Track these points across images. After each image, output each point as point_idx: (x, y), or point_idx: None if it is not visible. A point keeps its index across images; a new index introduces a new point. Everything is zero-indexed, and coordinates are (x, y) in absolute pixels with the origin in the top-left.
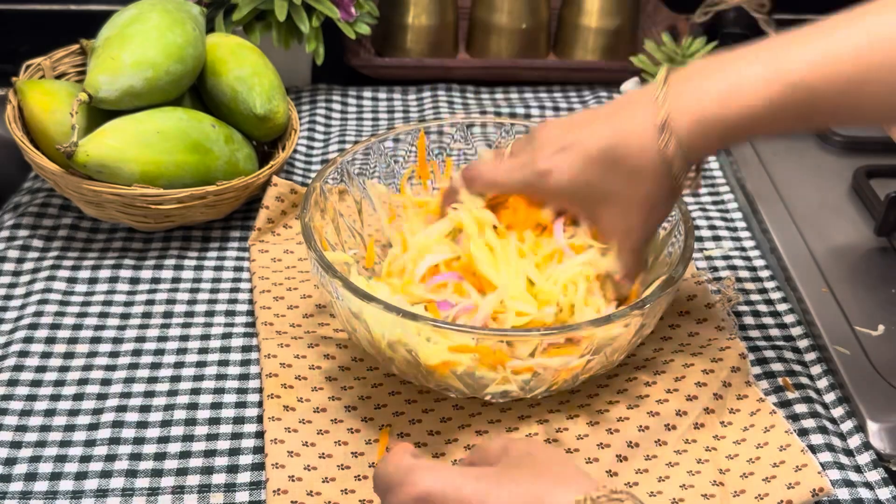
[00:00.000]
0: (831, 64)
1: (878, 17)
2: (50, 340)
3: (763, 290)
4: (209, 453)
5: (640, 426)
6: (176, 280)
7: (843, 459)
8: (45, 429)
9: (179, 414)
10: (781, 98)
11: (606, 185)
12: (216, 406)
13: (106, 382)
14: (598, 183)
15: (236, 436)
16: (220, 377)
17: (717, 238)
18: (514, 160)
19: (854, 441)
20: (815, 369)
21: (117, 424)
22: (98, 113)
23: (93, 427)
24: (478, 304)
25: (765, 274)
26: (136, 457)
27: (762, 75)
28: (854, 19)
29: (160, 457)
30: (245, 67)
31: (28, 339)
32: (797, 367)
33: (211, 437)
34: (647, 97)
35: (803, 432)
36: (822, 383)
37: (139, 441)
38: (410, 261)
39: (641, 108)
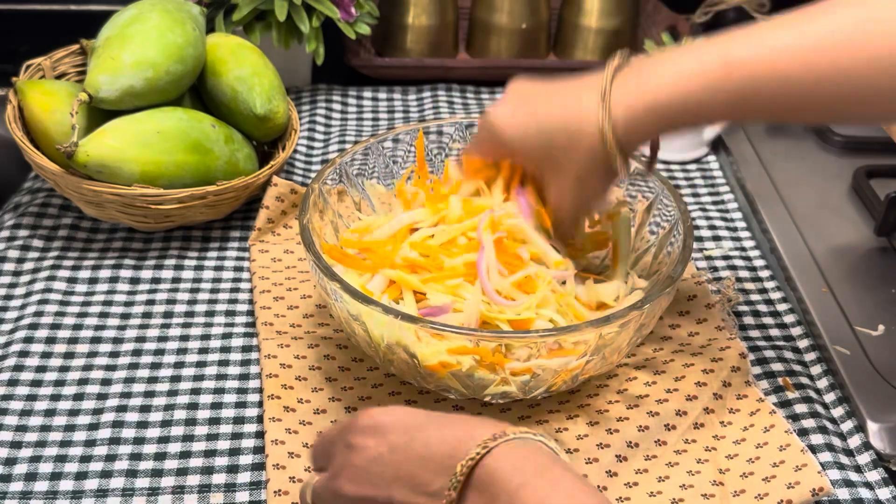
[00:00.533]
0: (774, 56)
1: (828, 16)
2: (50, 340)
3: (763, 290)
4: (209, 453)
5: (640, 426)
6: (176, 280)
7: (843, 459)
8: (45, 429)
9: (179, 414)
10: (717, 81)
11: (549, 152)
12: (216, 406)
13: (106, 382)
14: (542, 148)
15: (236, 436)
16: (220, 377)
17: (717, 238)
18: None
19: (854, 441)
20: (815, 369)
21: (117, 424)
22: (98, 113)
23: (93, 427)
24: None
25: (765, 274)
26: (136, 457)
27: (702, 59)
28: (805, 17)
29: (160, 457)
30: (245, 67)
31: (28, 339)
32: (797, 367)
33: (211, 437)
34: (597, 77)
35: (803, 432)
36: (822, 383)
37: (139, 441)
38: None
39: (591, 86)
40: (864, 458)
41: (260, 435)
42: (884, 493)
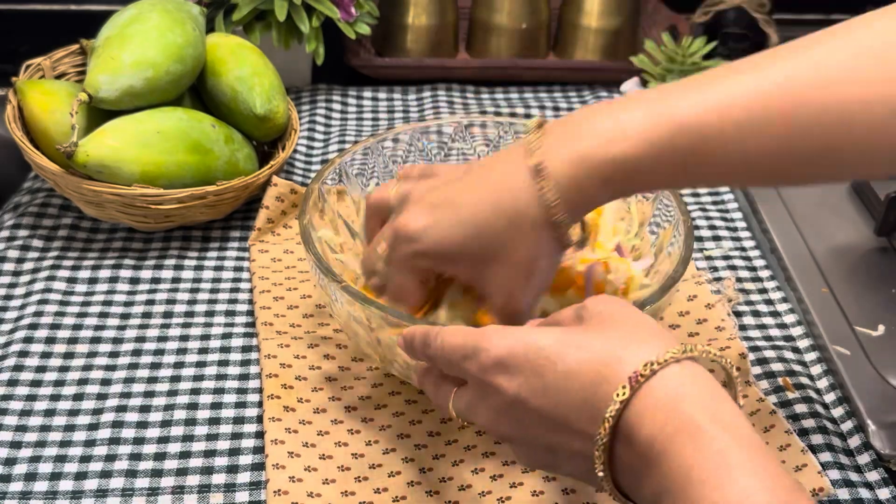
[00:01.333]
0: (723, 108)
1: (779, 62)
2: (50, 340)
3: (763, 290)
4: (209, 453)
5: None
6: (176, 280)
7: (844, 459)
8: (45, 429)
9: (179, 414)
10: (665, 141)
11: (486, 249)
12: (216, 406)
13: (106, 382)
14: (478, 247)
15: (236, 436)
16: (220, 377)
17: (717, 238)
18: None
19: (854, 441)
20: (815, 369)
21: (117, 424)
22: (98, 113)
23: (93, 427)
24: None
25: (765, 274)
26: (135, 457)
27: (646, 115)
28: (755, 65)
29: (160, 457)
30: (245, 67)
31: (28, 339)
32: (797, 367)
33: (211, 438)
34: (520, 147)
35: (803, 432)
36: (822, 383)
37: (139, 441)
38: None
39: (514, 159)
40: (864, 459)
41: (260, 435)
42: (884, 493)
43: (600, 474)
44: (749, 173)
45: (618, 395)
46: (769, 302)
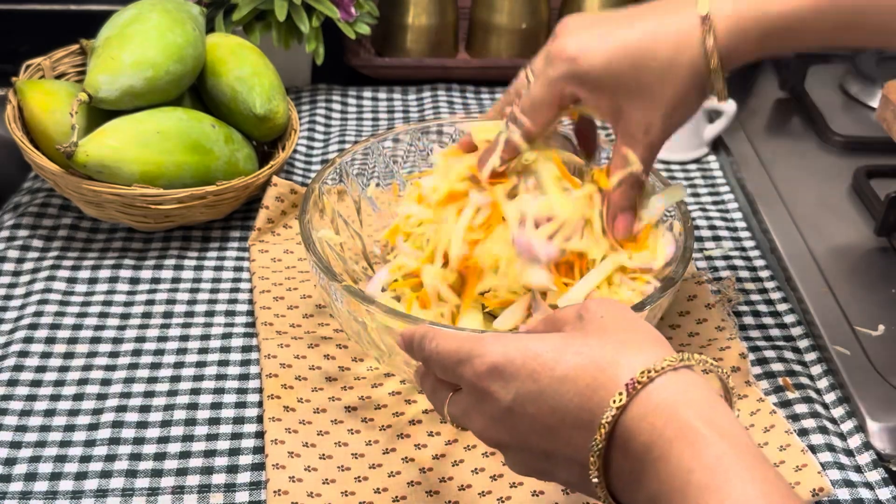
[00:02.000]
0: None
1: None
2: (50, 340)
3: (763, 290)
4: (209, 453)
5: None
6: (176, 280)
7: (844, 459)
8: (45, 429)
9: (179, 414)
10: (826, 1)
11: (636, 79)
12: (216, 406)
13: (106, 382)
14: (627, 74)
15: (236, 436)
16: (220, 377)
17: (717, 238)
18: (540, 71)
19: (854, 441)
20: (815, 369)
21: (117, 424)
22: (98, 113)
23: (93, 427)
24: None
25: (765, 274)
26: (135, 457)
27: None
28: None
29: (160, 457)
30: (245, 67)
31: (28, 339)
32: (797, 367)
33: (211, 437)
34: None
35: (803, 432)
36: (822, 383)
37: (139, 441)
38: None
39: (684, 6)
40: (864, 459)
41: (260, 435)
42: (884, 493)
43: (595, 480)
44: None
45: (614, 401)
46: (769, 302)
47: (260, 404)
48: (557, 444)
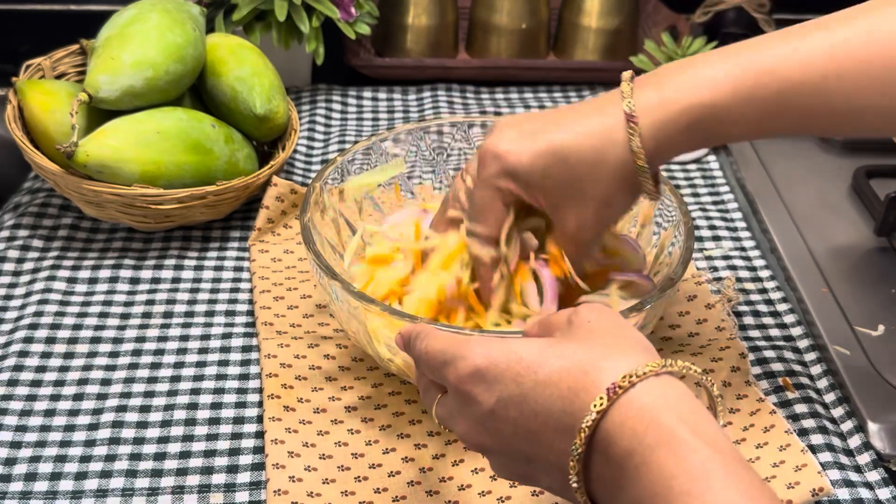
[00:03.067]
0: (805, 58)
1: (852, 22)
2: (50, 340)
3: (763, 290)
4: (209, 453)
5: None
6: (176, 280)
7: (844, 459)
8: (45, 429)
9: (179, 414)
10: (750, 89)
11: (565, 177)
12: (216, 406)
13: (106, 382)
14: (557, 173)
15: (236, 436)
16: (220, 377)
17: (717, 238)
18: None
19: (854, 441)
20: (815, 369)
21: (117, 424)
22: (98, 113)
23: (93, 427)
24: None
25: (765, 274)
26: (135, 457)
27: (731, 67)
28: (830, 22)
29: (160, 457)
30: (245, 67)
31: (28, 339)
32: (797, 367)
33: (211, 437)
34: (615, 95)
35: (803, 432)
36: (822, 383)
37: (139, 441)
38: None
39: (609, 105)
40: (864, 458)
41: (260, 435)
42: (884, 493)
43: (574, 485)
44: (831, 121)
45: (595, 405)
46: (769, 302)
47: (260, 404)
48: (539, 448)
